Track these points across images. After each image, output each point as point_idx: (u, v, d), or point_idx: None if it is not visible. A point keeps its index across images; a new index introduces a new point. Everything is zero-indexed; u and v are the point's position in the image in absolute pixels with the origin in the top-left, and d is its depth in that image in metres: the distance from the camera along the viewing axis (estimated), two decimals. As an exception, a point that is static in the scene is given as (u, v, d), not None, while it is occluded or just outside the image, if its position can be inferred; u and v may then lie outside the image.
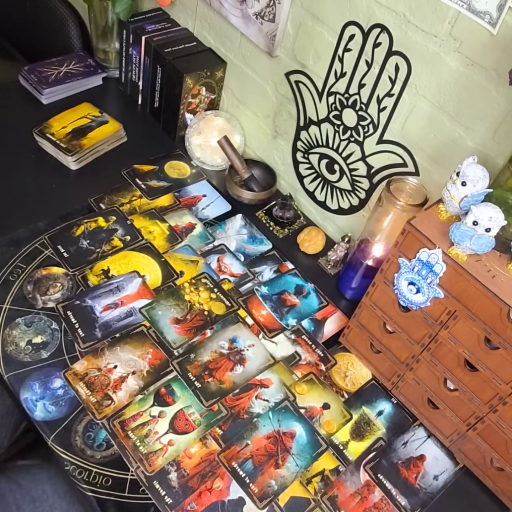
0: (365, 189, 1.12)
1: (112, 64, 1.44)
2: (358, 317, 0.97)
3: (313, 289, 1.12)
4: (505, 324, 0.73)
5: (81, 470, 0.82)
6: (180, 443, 0.87)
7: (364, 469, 0.90)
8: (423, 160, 0.98)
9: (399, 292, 0.84)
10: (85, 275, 1.04)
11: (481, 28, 0.79)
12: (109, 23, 1.36)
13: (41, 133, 1.22)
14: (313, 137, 1.16)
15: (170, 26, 1.33)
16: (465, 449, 0.92)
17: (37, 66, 1.36)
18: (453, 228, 0.73)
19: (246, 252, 1.16)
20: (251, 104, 1.28)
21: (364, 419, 0.96)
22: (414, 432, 0.96)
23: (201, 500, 0.82)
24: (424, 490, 0.90)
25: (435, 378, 0.89)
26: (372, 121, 1.02)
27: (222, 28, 1.24)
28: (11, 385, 0.88)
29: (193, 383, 0.93)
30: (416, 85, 0.92)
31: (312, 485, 0.87)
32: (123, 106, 1.41)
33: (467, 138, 0.89)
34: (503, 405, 0.80)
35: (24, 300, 0.98)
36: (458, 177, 0.74)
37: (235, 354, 0.99)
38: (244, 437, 0.89)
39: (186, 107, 1.29)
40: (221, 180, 1.29)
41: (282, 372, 0.98)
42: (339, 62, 1.02)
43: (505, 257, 0.77)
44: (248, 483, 0.85)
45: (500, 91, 0.82)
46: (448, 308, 0.80)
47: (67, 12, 1.56)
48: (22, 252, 1.04)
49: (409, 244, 0.80)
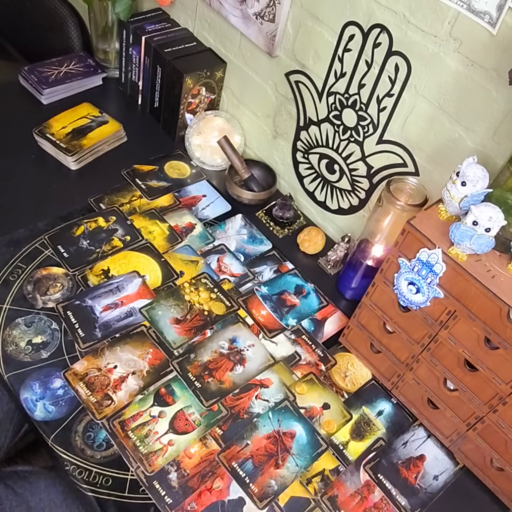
0: (365, 189, 1.12)
1: (112, 64, 1.44)
2: (358, 317, 0.97)
3: (313, 289, 1.12)
4: (505, 324, 0.73)
5: (81, 470, 0.82)
6: (180, 443, 0.87)
7: (364, 469, 0.90)
8: (423, 160, 0.98)
9: (399, 292, 0.84)
10: (85, 275, 1.04)
11: (481, 28, 0.80)
12: (109, 23, 1.36)
13: (41, 133, 1.22)
14: (313, 137, 1.16)
15: (170, 26, 1.33)
16: (465, 449, 0.92)
17: (37, 66, 1.36)
18: (453, 228, 0.73)
19: (246, 252, 1.16)
20: (251, 104, 1.28)
21: (364, 419, 0.96)
22: (414, 432, 0.96)
23: (201, 500, 0.82)
24: (424, 490, 0.90)
25: (435, 378, 0.89)
26: (372, 121, 1.02)
27: (222, 28, 1.24)
28: (11, 385, 0.88)
29: (193, 383, 0.93)
30: (416, 85, 0.92)
31: (312, 485, 0.87)
32: (123, 106, 1.41)
33: (467, 138, 0.89)
34: (503, 405, 0.80)
35: (24, 300, 0.98)
36: (458, 177, 0.74)
37: (235, 354, 0.99)
38: (244, 437, 0.89)
39: (186, 107, 1.29)
40: (221, 180, 1.29)
41: (282, 372, 0.98)
42: (339, 62, 1.02)
43: (505, 257, 0.77)
44: (248, 483, 0.85)
45: (500, 91, 0.82)
46: (448, 308, 0.80)
47: (67, 12, 1.56)
48: (22, 252, 1.04)
49: (409, 244, 0.80)
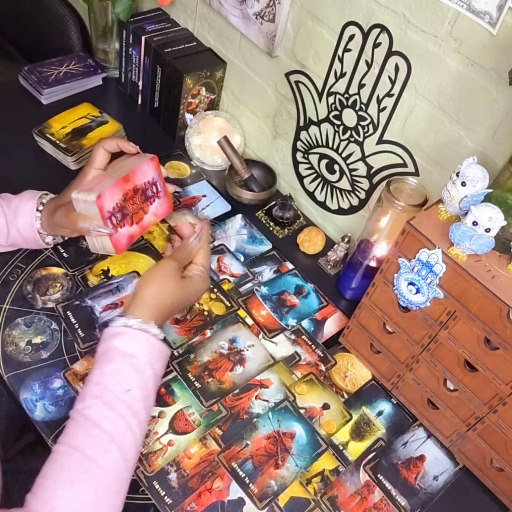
0: (365, 189, 1.12)
1: (112, 64, 1.44)
2: (358, 318, 0.97)
3: (313, 289, 1.12)
4: (505, 324, 0.73)
5: (81, 471, 0.82)
6: (180, 443, 0.87)
7: (364, 469, 0.90)
8: (423, 160, 0.98)
9: (399, 292, 0.84)
10: (85, 275, 1.04)
11: (481, 28, 0.79)
12: (109, 23, 1.36)
13: (41, 133, 1.22)
14: (313, 137, 1.16)
15: (170, 26, 1.33)
16: (465, 450, 0.92)
17: (37, 66, 1.36)
18: (453, 229, 0.73)
19: (246, 252, 1.16)
20: (251, 104, 1.28)
21: (364, 419, 0.96)
22: (414, 433, 0.96)
23: (201, 501, 0.82)
24: (424, 490, 0.90)
25: (435, 378, 0.89)
26: (372, 121, 1.02)
27: (222, 28, 1.24)
28: (11, 385, 0.88)
29: (193, 383, 0.93)
30: (416, 85, 0.92)
31: (312, 486, 0.87)
32: (123, 106, 1.41)
33: (467, 138, 0.89)
34: (503, 405, 0.80)
35: (24, 300, 0.98)
36: (458, 177, 0.74)
37: (235, 354, 0.99)
38: (244, 437, 0.89)
39: (186, 107, 1.29)
40: (221, 180, 1.29)
41: (282, 372, 0.98)
42: (339, 62, 1.02)
43: (505, 257, 0.77)
44: (248, 483, 0.85)
45: (500, 91, 0.82)
46: (448, 308, 0.80)
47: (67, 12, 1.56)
48: (21, 252, 1.03)
49: (409, 244, 0.80)
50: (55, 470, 0.65)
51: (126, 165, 0.90)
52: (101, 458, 0.67)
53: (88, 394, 0.71)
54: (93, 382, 0.72)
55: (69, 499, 0.63)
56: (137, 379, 0.73)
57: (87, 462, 0.66)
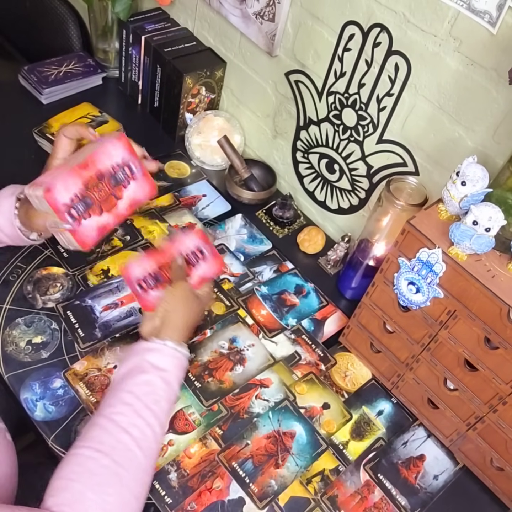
0: (365, 189, 1.12)
1: (112, 64, 1.44)
2: (358, 317, 0.97)
3: (313, 289, 1.12)
4: (505, 324, 0.73)
5: (81, 470, 0.82)
6: (180, 443, 0.87)
7: (364, 469, 0.90)
8: (423, 160, 0.98)
9: (399, 291, 0.84)
10: (85, 275, 1.04)
11: (481, 28, 0.79)
12: (109, 23, 1.36)
13: (41, 133, 1.22)
14: (313, 136, 1.16)
15: (170, 25, 1.33)
16: (465, 449, 0.92)
17: (37, 66, 1.36)
18: (453, 228, 0.73)
19: (246, 252, 1.16)
20: (251, 104, 1.28)
21: (364, 419, 0.96)
22: (414, 432, 0.96)
23: (201, 500, 0.82)
24: (424, 490, 0.90)
25: (435, 378, 0.89)
26: (372, 121, 1.02)
27: (222, 27, 1.24)
28: (11, 385, 0.88)
29: (193, 383, 0.93)
30: (415, 84, 0.92)
31: (312, 485, 0.87)
32: (123, 106, 1.41)
33: (467, 138, 0.89)
34: (503, 405, 0.80)
35: (24, 300, 0.98)
36: (458, 176, 0.74)
37: (235, 354, 0.99)
38: (244, 437, 0.89)
39: (186, 107, 1.29)
40: (221, 180, 1.29)
41: (282, 372, 0.98)
42: (338, 62, 1.02)
43: (505, 257, 0.77)
44: (248, 483, 0.85)
45: (500, 91, 0.82)
46: (448, 308, 0.80)
47: (67, 12, 1.55)
48: (22, 252, 1.03)
49: (409, 243, 0.80)
50: (82, 473, 0.66)
51: (87, 150, 0.81)
52: (128, 463, 0.68)
53: (118, 401, 0.73)
54: (125, 390, 0.74)
55: (99, 502, 0.65)
56: (166, 392, 0.75)
57: (116, 467, 0.67)
